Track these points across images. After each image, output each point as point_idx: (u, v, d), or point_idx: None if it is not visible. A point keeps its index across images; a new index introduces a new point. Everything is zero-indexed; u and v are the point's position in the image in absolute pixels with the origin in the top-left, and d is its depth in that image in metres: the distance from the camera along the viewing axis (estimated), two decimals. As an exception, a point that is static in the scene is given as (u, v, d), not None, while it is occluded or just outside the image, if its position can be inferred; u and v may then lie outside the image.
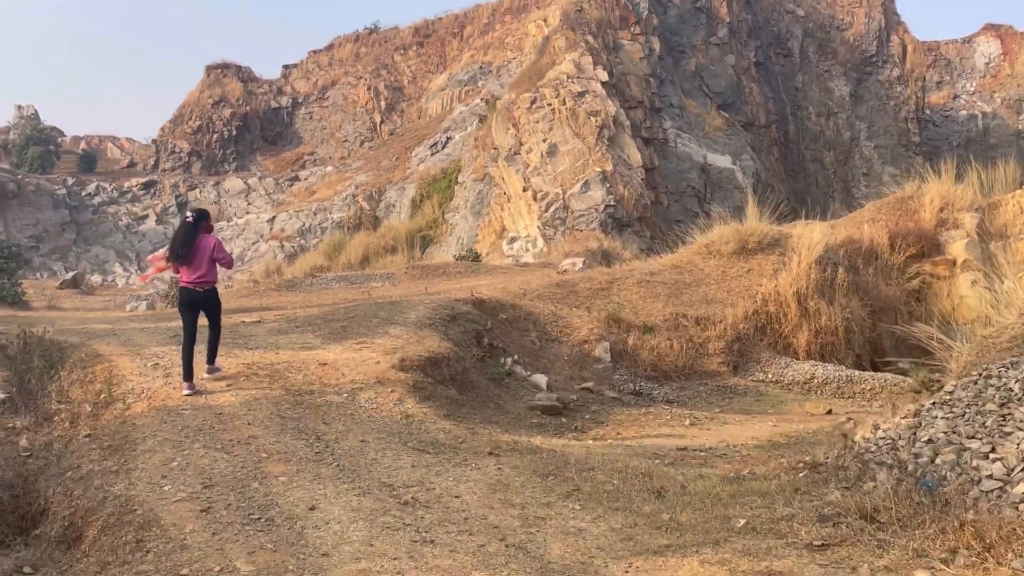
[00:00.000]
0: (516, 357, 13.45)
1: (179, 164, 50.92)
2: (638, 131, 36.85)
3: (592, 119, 35.10)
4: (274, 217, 45.43)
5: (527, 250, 35.58)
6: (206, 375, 9.94)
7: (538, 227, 34.97)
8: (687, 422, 12.21)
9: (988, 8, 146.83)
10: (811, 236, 18.86)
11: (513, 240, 36.31)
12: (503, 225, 37.44)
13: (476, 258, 28.73)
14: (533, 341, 15.15)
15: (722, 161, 39.70)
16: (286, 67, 55.93)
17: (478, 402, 10.47)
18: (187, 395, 9.26)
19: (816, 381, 16.15)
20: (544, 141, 35.46)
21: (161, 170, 50.81)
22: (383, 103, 51.73)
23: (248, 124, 52.53)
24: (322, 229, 44.14)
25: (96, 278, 41.50)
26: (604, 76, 36.30)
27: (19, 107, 50.54)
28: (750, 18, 43.23)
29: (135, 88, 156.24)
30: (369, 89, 52.25)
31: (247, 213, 46.59)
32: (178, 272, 9.95)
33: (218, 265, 9.99)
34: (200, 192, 47.68)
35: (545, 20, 47.59)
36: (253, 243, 44.05)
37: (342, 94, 53.03)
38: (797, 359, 17.28)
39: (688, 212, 39.08)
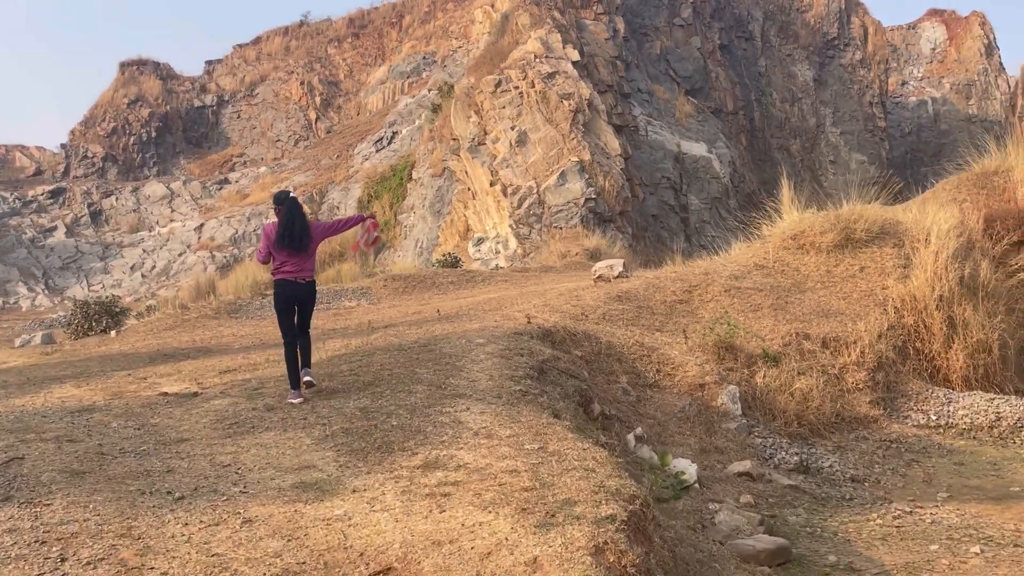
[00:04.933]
0: (640, 431, 7.48)
1: (92, 170, 43.00)
2: (610, 118, 31.13)
3: (565, 103, 29.25)
4: (202, 224, 38.19)
5: (497, 252, 29.52)
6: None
7: (510, 226, 28.95)
8: (975, 548, 6.46)
9: None
10: (934, 221, 13.42)
11: (480, 241, 30.18)
12: (468, 225, 31.27)
13: (455, 263, 22.60)
14: (626, 390, 9.20)
15: (697, 149, 34.40)
16: (209, 63, 48.41)
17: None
18: (296, 403, 6.73)
19: (1006, 424, 10.73)
20: (512, 128, 29.44)
21: (72, 177, 42.82)
22: (318, 99, 44.85)
23: (169, 125, 44.92)
24: (257, 236, 37.11)
25: (-4, 300, 33.66)
26: (575, 55, 30.50)
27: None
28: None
29: (47, 95, 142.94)
30: (302, 84, 45.28)
31: (171, 221, 39.19)
32: (267, 262, 7.74)
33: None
34: (117, 199, 40.02)
35: (492, 5, 41.54)
36: (179, 255, 36.75)
37: (272, 90, 45.91)
38: (952, 388, 11.86)
39: (664, 205, 33.65)
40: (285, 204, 7.62)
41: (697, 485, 7.16)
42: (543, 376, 7.03)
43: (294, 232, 7.44)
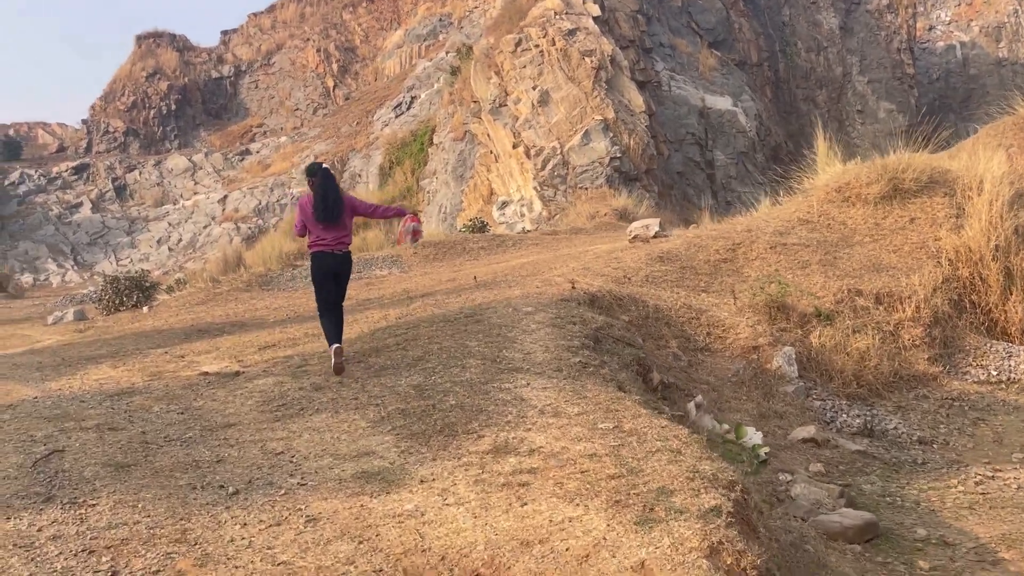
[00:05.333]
0: (700, 399, 7.07)
1: (114, 145, 42.77)
2: (633, 74, 30.27)
3: (587, 60, 28.46)
4: (226, 196, 37.92)
5: (522, 215, 29.02)
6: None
7: (534, 188, 28.40)
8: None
9: None
10: (986, 169, 12.78)
11: (505, 205, 29.67)
12: (491, 188, 30.73)
13: (483, 228, 22.17)
14: (676, 355, 8.78)
15: (722, 103, 33.46)
16: (225, 33, 47.76)
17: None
18: (338, 362, 6.43)
19: (1072, 378, 10.20)
20: (534, 88, 28.73)
21: (95, 152, 42.63)
22: (335, 66, 44.16)
23: (188, 97, 44.48)
24: (281, 206, 36.89)
25: (27, 278, 33.70)
26: (596, 10, 29.61)
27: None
28: (734, -54, 36.85)
29: (61, 72, 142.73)
30: (319, 52, 44.58)
31: (195, 194, 38.94)
32: (304, 235, 7.58)
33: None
34: (140, 173, 39.80)
35: (508, -37, 40.50)
36: (204, 227, 36.55)
37: (289, 59, 45.26)
38: (1012, 342, 11.34)
39: (690, 162, 32.86)
40: (318, 175, 7.48)
41: (761, 449, 6.76)
42: (599, 345, 6.62)
43: (328, 203, 7.31)
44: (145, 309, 14.23)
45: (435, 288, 11.87)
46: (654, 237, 14.12)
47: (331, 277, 7.26)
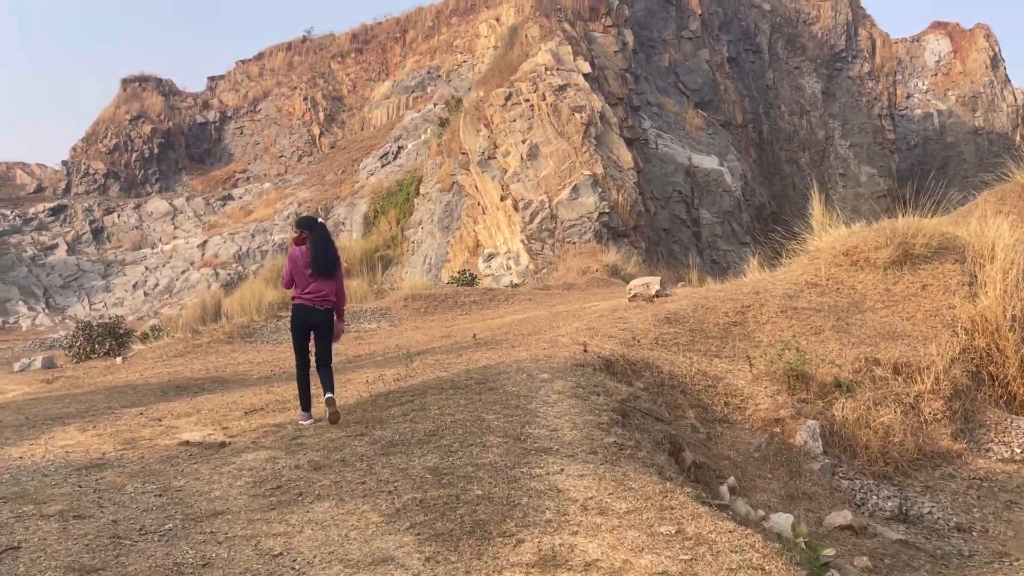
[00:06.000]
0: (733, 481, 6.40)
1: (94, 187, 41.87)
2: (621, 131, 30.14)
3: (576, 115, 28.27)
4: (206, 241, 37.06)
5: (509, 268, 28.46)
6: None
7: (521, 241, 27.90)
8: None
9: (927, 6, 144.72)
10: (997, 235, 12.41)
11: (491, 257, 29.12)
12: (477, 240, 30.20)
13: (471, 281, 21.52)
14: (695, 426, 8.13)
15: (708, 162, 33.41)
16: (212, 79, 47.37)
17: None
18: (305, 424, 6.60)
19: (1101, 457, 9.67)
20: (523, 142, 28.43)
21: (73, 194, 41.68)
22: (322, 114, 43.84)
23: (171, 141, 43.84)
24: (262, 253, 36.06)
25: (-5, 320, 32.44)
26: (586, 67, 29.54)
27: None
28: (721, 11, 37.26)
29: (48, 112, 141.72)
30: (305, 100, 44.28)
31: (174, 238, 38.04)
32: (290, 287, 7.36)
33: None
34: (119, 216, 38.90)
35: (497, 19, 40.67)
36: (182, 272, 35.58)
37: (275, 106, 44.89)
38: (1030, 417, 10.81)
39: (676, 220, 32.62)
40: (315, 230, 7.33)
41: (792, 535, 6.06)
42: (626, 420, 5.95)
43: (328, 257, 7.22)
44: (119, 359, 13.35)
45: (431, 344, 11.17)
46: (655, 296, 13.54)
47: (309, 332, 7.17)
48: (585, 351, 8.39)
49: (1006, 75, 45.11)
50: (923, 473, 9.11)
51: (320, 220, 7.63)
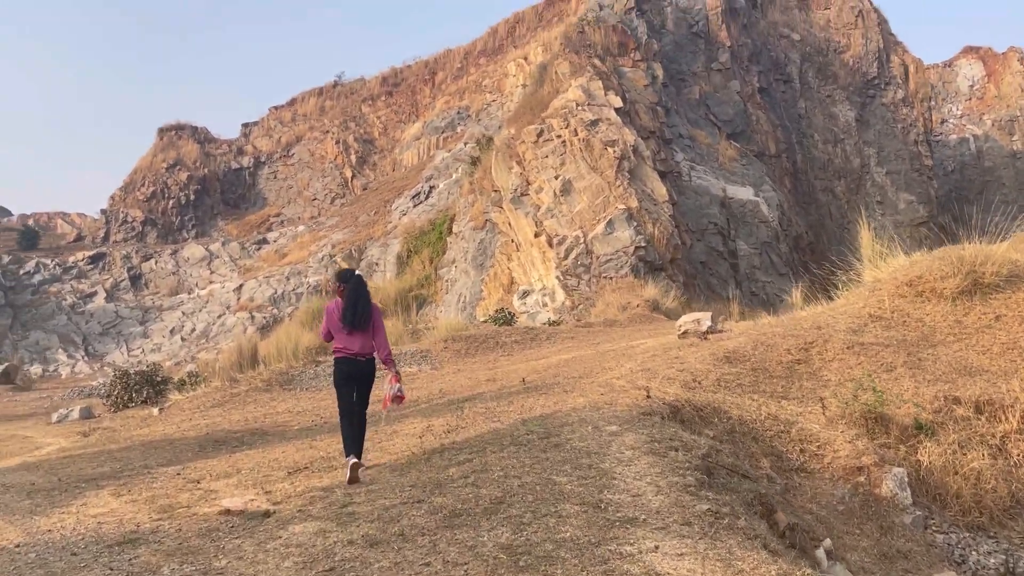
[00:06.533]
0: (829, 543, 5.69)
1: (132, 234, 42.17)
2: (654, 164, 29.63)
3: (609, 150, 27.83)
4: (241, 285, 36.96)
5: (544, 304, 27.85)
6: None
7: (556, 277, 27.30)
8: None
9: (959, 32, 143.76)
10: (1071, 261, 11.62)
11: (526, 294, 28.54)
12: (512, 277, 29.70)
13: (510, 319, 20.96)
14: (771, 476, 7.42)
15: (743, 193, 32.73)
16: (246, 125, 47.80)
17: None
18: (353, 475, 6.29)
19: None
20: (556, 178, 28.01)
21: (112, 242, 41.98)
22: (353, 157, 43.91)
23: (207, 187, 44.14)
24: (297, 295, 35.84)
25: (36, 368, 32.44)
26: (618, 102, 29.16)
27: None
28: (750, 42, 36.81)
29: (89, 162, 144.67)
30: (337, 143, 44.42)
31: (210, 283, 38.02)
32: (329, 340, 7.47)
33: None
34: (156, 263, 39.00)
35: (526, 58, 40.60)
36: (219, 316, 35.45)
37: (308, 150, 45.07)
38: None
39: (713, 252, 31.89)
40: (351, 282, 7.44)
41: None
42: (711, 478, 5.31)
43: (357, 311, 7.26)
44: (155, 411, 12.92)
45: (476, 389, 10.57)
46: (707, 332, 12.85)
47: (354, 383, 7.23)
48: (648, 397, 7.74)
49: (1043, 97, 44.07)
50: (1019, 523, 8.28)
51: (357, 272, 7.66)
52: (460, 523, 4.55)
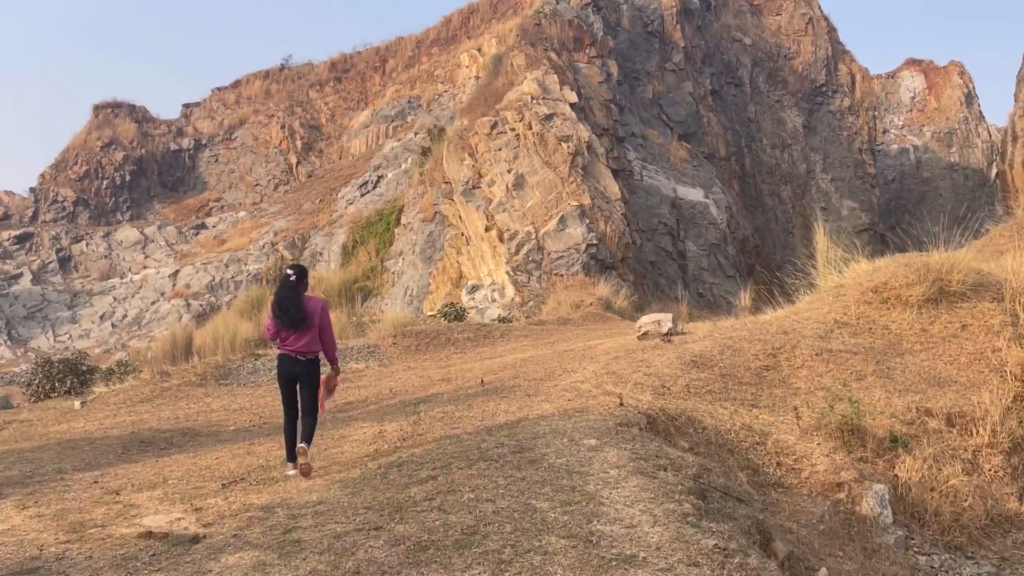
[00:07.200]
0: (824, 573, 5.15)
1: (63, 214, 40.06)
2: (607, 161, 29.21)
3: (563, 145, 27.27)
4: (177, 271, 35.38)
5: (493, 300, 27.20)
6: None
7: (507, 273, 26.66)
8: None
9: (902, 43, 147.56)
10: (1034, 272, 11.46)
11: (475, 289, 27.85)
12: (460, 272, 28.96)
13: (460, 315, 20.23)
14: (748, 492, 6.84)
15: (693, 194, 32.56)
16: (187, 106, 45.90)
17: None
18: (291, 475, 6.36)
19: None
20: (509, 172, 27.35)
21: (41, 222, 39.81)
22: (299, 143, 42.53)
23: (144, 168, 42.22)
24: (236, 283, 34.44)
25: (-48, 352, 30.43)
26: (573, 97, 28.63)
27: None
28: (703, 44, 36.72)
29: (16, 137, 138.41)
30: (283, 128, 42.96)
31: (144, 268, 36.31)
32: (276, 339, 7.19)
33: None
34: (87, 245, 37.10)
35: (479, 49, 39.81)
36: (153, 303, 33.85)
37: (252, 134, 43.51)
38: (1091, 472, 9.69)
39: (662, 252, 31.62)
40: (282, 282, 7.19)
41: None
42: (707, 503, 4.72)
43: (285, 310, 7.01)
44: (77, 404, 11.83)
45: (430, 389, 9.86)
46: (667, 334, 12.34)
47: (292, 382, 7.02)
48: (621, 404, 7.14)
49: (980, 112, 45.10)
50: (996, 542, 7.95)
51: (291, 274, 7.22)
52: (428, 559, 3.84)
